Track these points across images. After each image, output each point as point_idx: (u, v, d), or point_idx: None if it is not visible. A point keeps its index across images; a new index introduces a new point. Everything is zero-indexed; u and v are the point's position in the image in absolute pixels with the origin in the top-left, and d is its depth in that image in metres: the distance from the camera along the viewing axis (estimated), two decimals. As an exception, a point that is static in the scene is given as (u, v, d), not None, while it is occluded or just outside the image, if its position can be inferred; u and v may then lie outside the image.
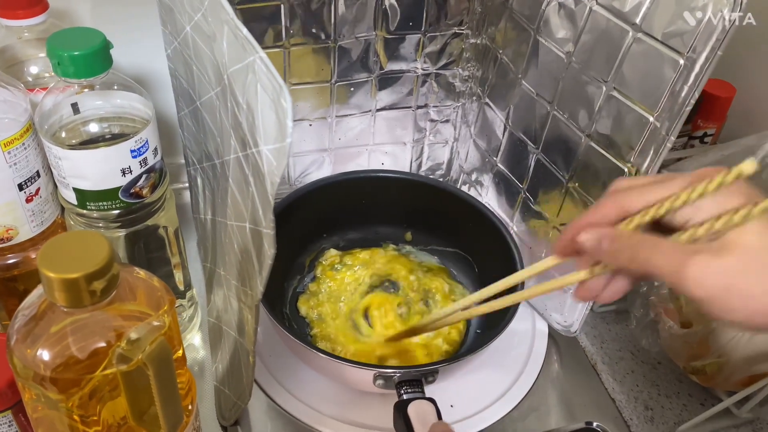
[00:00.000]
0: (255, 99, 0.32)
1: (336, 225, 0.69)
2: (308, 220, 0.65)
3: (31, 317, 0.36)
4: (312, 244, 0.68)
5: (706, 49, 0.41)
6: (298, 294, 0.64)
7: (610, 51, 0.48)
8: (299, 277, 0.66)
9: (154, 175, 0.49)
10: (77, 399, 0.35)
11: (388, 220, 0.69)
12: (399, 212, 0.69)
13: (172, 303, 0.38)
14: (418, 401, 0.47)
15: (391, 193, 0.68)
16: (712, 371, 0.56)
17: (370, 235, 0.70)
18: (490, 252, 0.63)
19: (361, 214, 0.69)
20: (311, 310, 0.62)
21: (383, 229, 0.70)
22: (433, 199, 0.67)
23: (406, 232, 0.70)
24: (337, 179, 0.67)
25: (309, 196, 0.64)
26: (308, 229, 0.67)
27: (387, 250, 0.68)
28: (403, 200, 0.68)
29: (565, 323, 0.61)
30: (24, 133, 0.46)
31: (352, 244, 0.69)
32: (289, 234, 0.59)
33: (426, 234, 0.69)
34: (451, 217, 0.67)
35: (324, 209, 0.66)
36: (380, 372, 0.49)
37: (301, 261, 0.67)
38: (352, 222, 0.69)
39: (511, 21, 0.60)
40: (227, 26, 0.35)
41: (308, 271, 0.66)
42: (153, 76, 0.67)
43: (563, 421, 0.57)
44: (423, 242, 0.70)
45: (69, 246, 0.33)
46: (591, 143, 0.52)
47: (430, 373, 0.50)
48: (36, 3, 0.50)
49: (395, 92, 0.69)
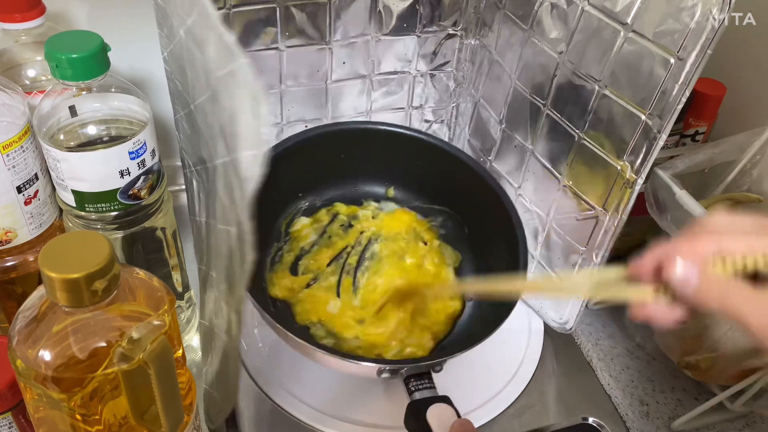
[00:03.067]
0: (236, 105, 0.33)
1: (313, 183, 0.65)
2: (282, 181, 0.61)
3: (32, 318, 0.36)
4: (287, 206, 0.64)
5: (696, 49, 0.41)
6: (276, 264, 0.61)
7: (602, 50, 0.49)
8: (276, 245, 0.62)
9: (152, 176, 0.50)
10: (79, 398, 0.35)
11: (369, 175, 0.66)
12: (380, 167, 0.65)
13: (172, 303, 0.38)
14: (438, 405, 0.45)
15: (371, 147, 0.64)
16: (706, 366, 0.56)
17: (349, 192, 0.66)
18: (482, 212, 0.61)
19: (340, 170, 0.65)
20: (287, 290, 0.59)
21: (364, 185, 0.66)
22: (419, 153, 0.63)
23: (389, 188, 0.67)
24: (312, 134, 0.62)
25: (283, 155, 0.60)
26: (283, 190, 0.63)
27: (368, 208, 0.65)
28: (385, 154, 0.64)
29: (560, 320, 0.61)
30: (22, 136, 0.46)
31: (330, 203, 0.65)
32: (263, 198, 0.57)
33: (409, 190, 0.66)
34: (437, 172, 0.63)
35: (299, 168, 0.62)
36: (384, 367, 0.48)
37: (278, 226, 0.63)
38: (330, 179, 0.65)
39: (504, 21, 0.60)
40: (213, 32, 0.36)
41: (285, 237, 0.63)
42: (150, 78, 0.67)
43: (559, 417, 0.57)
44: (406, 199, 0.66)
45: (70, 246, 0.34)
46: (584, 142, 0.53)
47: (437, 363, 0.49)
48: (33, 6, 0.50)
49: (390, 93, 0.69)
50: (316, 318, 0.57)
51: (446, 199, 0.65)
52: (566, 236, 0.58)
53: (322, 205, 0.65)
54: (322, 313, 0.58)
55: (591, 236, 0.55)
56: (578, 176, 0.55)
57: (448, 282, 0.61)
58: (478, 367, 0.58)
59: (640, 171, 0.48)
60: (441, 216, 0.66)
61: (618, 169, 0.50)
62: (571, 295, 0.48)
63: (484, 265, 0.62)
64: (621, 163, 0.49)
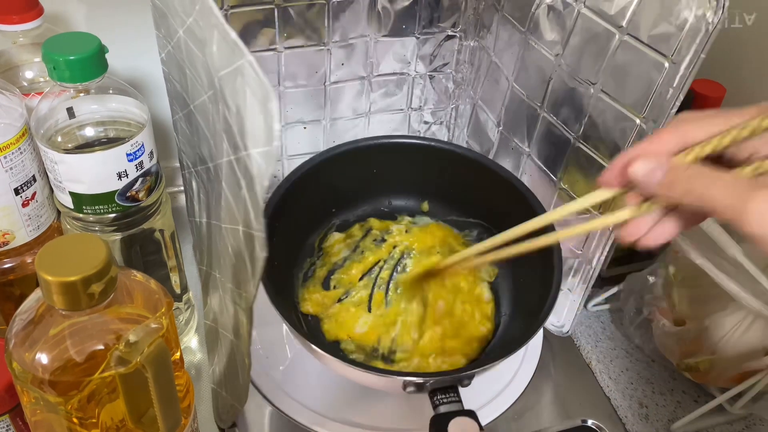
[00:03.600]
0: (244, 102, 0.33)
1: (346, 200, 0.64)
2: (315, 197, 0.61)
3: (29, 321, 0.36)
4: (321, 223, 0.64)
5: (690, 52, 0.41)
6: (308, 279, 0.61)
7: (598, 53, 0.49)
8: (309, 260, 0.63)
9: (150, 178, 0.49)
10: (76, 401, 0.35)
11: (402, 190, 0.65)
12: (414, 181, 0.64)
13: (169, 305, 0.38)
14: (460, 419, 0.43)
15: (403, 161, 0.63)
16: (705, 368, 0.56)
17: (383, 207, 0.65)
18: (516, 224, 0.60)
19: (373, 186, 0.64)
20: (318, 305, 0.59)
21: (397, 200, 0.66)
22: (451, 166, 0.62)
23: (423, 202, 0.66)
24: (343, 150, 0.61)
25: (314, 171, 0.59)
26: (316, 206, 0.63)
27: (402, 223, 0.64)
28: (418, 168, 0.63)
29: (557, 323, 0.61)
30: (20, 138, 0.46)
31: (363, 219, 0.65)
32: (295, 214, 0.56)
33: (444, 204, 0.65)
34: (473, 185, 0.62)
35: (332, 184, 0.61)
36: (410, 380, 0.45)
37: (311, 242, 0.63)
38: (363, 195, 0.65)
39: (502, 24, 0.60)
40: (216, 30, 0.35)
41: (318, 253, 0.63)
42: (147, 80, 0.67)
43: (559, 419, 0.57)
44: (441, 213, 0.65)
45: (67, 249, 0.34)
46: (580, 144, 0.53)
47: (466, 377, 0.46)
48: (31, 8, 0.50)
49: (389, 94, 0.69)
50: (345, 334, 0.57)
51: (481, 212, 0.63)
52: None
53: (356, 221, 0.65)
54: (350, 329, 0.57)
55: (587, 239, 0.55)
56: (574, 179, 0.55)
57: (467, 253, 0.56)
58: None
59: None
60: (476, 229, 0.64)
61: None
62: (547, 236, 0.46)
63: (519, 279, 0.61)
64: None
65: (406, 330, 0.57)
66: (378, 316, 0.57)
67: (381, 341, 0.56)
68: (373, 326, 0.57)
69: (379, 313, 0.58)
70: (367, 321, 0.57)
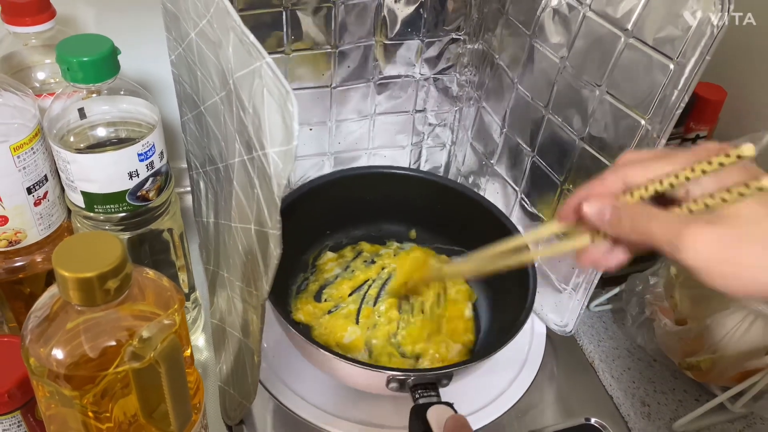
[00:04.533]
0: (261, 103, 0.33)
1: (340, 222, 0.69)
2: (312, 218, 0.64)
3: (45, 317, 0.36)
4: (315, 241, 0.68)
5: (695, 55, 0.42)
6: (301, 292, 0.64)
7: (603, 56, 0.50)
8: (303, 274, 0.66)
9: (160, 178, 0.50)
10: (91, 396, 0.36)
11: (393, 217, 0.70)
12: (404, 209, 0.69)
13: (181, 302, 0.39)
14: (437, 406, 0.46)
15: (395, 190, 0.67)
16: (707, 367, 0.57)
17: (373, 232, 0.70)
18: None
19: (365, 211, 0.68)
20: (309, 315, 0.62)
21: (388, 226, 0.70)
22: (439, 196, 0.67)
23: (411, 229, 0.71)
24: (341, 175, 0.66)
25: (312, 192, 0.63)
26: (312, 226, 0.67)
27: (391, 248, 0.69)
28: (408, 197, 0.68)
29: (560, 323, 0.62)
30: (33, 138, 0.47)
31: (355, 241, 0.69)
32: (292, 231, 0.59)
33: (431, 232, 0.70)
34: (458, 215, 0.66)
35: (328, 206, 0.66)
36: (393, 375, 0.49)
37: (305, 258, 0.67)
38: (356, 219, 0.69)
39: (507, 27, 0.61)
40: (233, 32, 0.36)
41: (311, 269, 0.67)
42: (155, 81, 0.68)
43: (562, 418, 0.58)
44: (428, 240, 0.70)
45: (83, 246, 0.34)
46: (585, 146, 0.54)
47: (445, 376, 0.49)
48: (43, 10, 0.51)
49: (394, 97, 0.70)
50: (333, 341, 0.59)
51: (465, 240, 0.66)
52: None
53: (348, 243, 0.69)
54: (339, 338, 0.60)
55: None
56: (579, 180, 0.55)
57: (441, 267, 0.64)
58: (481, 370, 0.59)
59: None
60: (459, 257, 0.68)
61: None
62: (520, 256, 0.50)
63: (497, 301, 0.64)
64: (622, 167, 0.50)
65: (391, 342, 0.60)
66: (365, 327, 0.61)
67: (367, 350, 0.59)
68: (360, 337, 0.60)
69: (365, 325, 0.61)
70: (355, 332, 0.60)
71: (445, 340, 0.60)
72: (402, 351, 0.59)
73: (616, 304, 0.67)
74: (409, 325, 0.61)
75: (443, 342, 0.60)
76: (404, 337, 0.60)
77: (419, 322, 0.61)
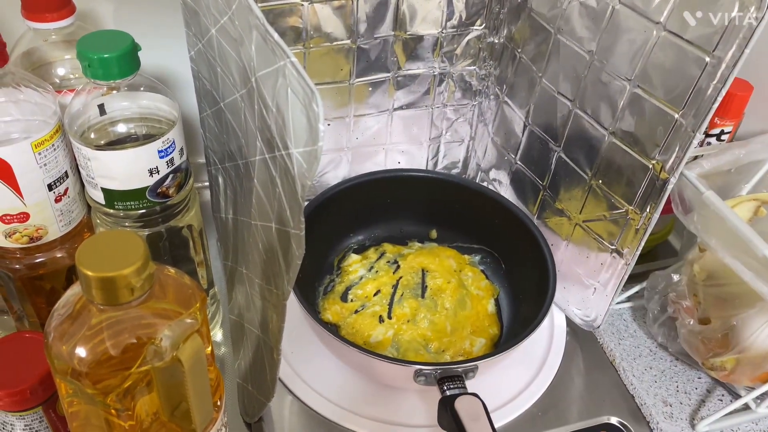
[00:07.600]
0: (285, 102, 0.33)
1: (362, 224, 0.71)
2: (335, 221, 0.67)
3: (68, 315, 0.36)
4: (340, 244, 0.70)
5: (732, 47, 0.41)
6: (328, 293, 0.66)
7: (634, 49, 0.49)
8: (329, 276, 0.68)
9: (179, 175, 0.50)
10: (114, 394, 0.36)
11: (413, 217, 0.71)
12: (424, 210, 0.71)
13: (203, 301, 0.39)
14: (464, 396, 0.48)
15: (415, 192, 0.69)
16: (731, 367, 0.56)
17: (395, 233, 0.71)
18: (517, 249, 0.65)
19: (387, 213, 0.70)
20: (337, 314, 0.63)
21: (408, 226, 0.72)
22: (457, 196, 0.69)
23: (431, 229, 0.72)
24: (363, 180, 0.68)
25: (337, 196, 0.66)
26: (336, 229, 0.69)
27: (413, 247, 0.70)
28: (428, 198, 0.70)
29: (587, 318, 0.61)
30: (54, 134, 0.47)
31: (378, 242, 0.71)
32: (318, 235, 0.60)
33: (451, 231, 0.71)
34: (477, 214, 0.68)
35: (350, 210, 0.68)
36: (421, 369, 0.50)
37: (330, 261, 0.69)
38: (378, 221, 0.71)
39: (529, 20, 0.60)
40: (256, 30, 0.36)
41: (337, 271, 0.68)
42: (174, 77, 0.68)
43: (583, 417, 0.57)
44: (448, 239, 0.71)
45: (106, 245, 0.34)
46: (614, 140, 0.53)
47: (471, 369, 0.51)
48: (63, 6, 0.51)
49: (412, 92, 0.70)
50: (361, 340, 0.60)
51: (485, 238, 0.69)
52: (595, 234, 0.58)
53: (371, 244, 0.71)
54: (366, 336, 0.60)
55: (621, 235, 0.55)
56: (607, 175, 0.55)
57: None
58: (502, 366, 0.58)
59: (673, 170, 0.48)
60: (480, 254, 0.70)
61: (649, 168, 0.50)
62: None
63: (518, 296, 0.66)
64: (653, 162, 0.49)
65: (417, 339, 0.60)
66: (391, 326, 0.61)
67: (394, 348, 0.60)
68: (386, 335, 0.60)
69: (391, 324, 0.61)
70: (382, 331, 0.60)
71: (469, 336, 0.61)
72: (428, 347, 0.60)
73: (636, 301, 0.66)
74: (433, 322, 0.61)
75: (467, 338, 0.60)
76: (430, 333, 0.60)
77: (443, 318, 0.61)
